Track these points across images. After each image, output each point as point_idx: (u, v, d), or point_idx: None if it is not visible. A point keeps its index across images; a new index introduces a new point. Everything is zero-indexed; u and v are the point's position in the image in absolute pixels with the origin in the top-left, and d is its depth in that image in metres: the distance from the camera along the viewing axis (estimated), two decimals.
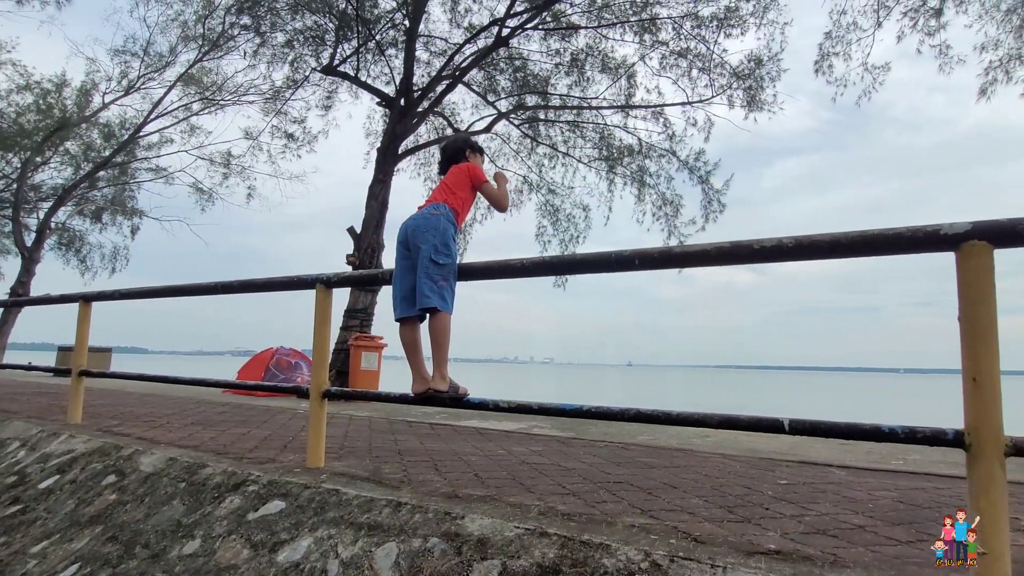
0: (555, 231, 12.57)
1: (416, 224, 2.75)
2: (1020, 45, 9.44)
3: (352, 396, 2.99)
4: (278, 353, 8.95)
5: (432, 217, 2.73)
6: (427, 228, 2.69)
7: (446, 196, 2.84)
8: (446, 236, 2.69)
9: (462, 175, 2.92)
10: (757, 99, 10.40)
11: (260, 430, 4.44)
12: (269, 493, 2.67)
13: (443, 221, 2.71)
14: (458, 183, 2.90)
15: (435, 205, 2.79)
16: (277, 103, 13.57)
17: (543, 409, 2.26)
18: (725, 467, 3.43)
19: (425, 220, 2.73)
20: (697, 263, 1.99)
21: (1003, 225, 1.55)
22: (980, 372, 1.54)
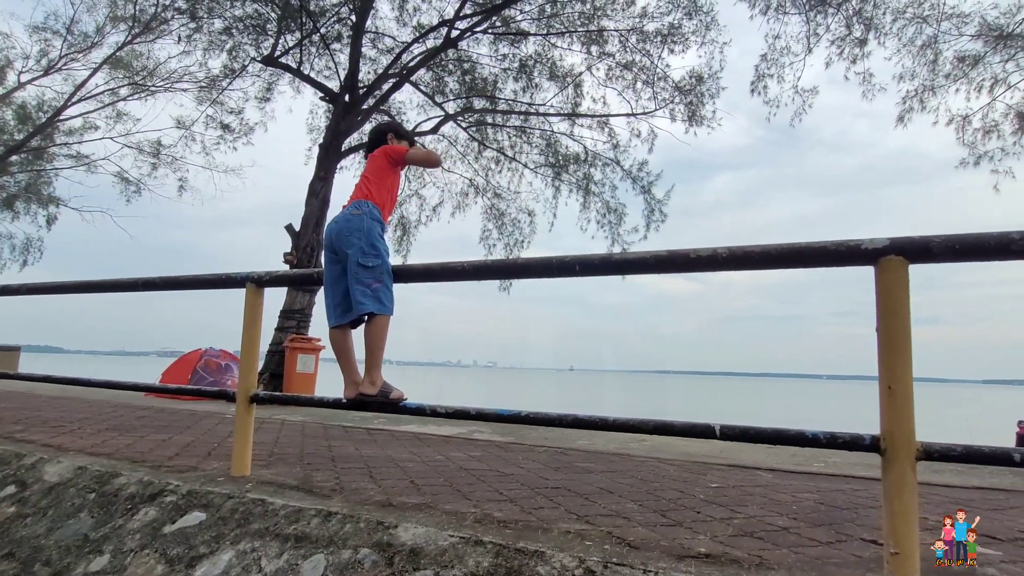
0: (500, 235, 12.59)
1: (339, 228, 2.62)
2: (933, 77, 10.21)
3: (283, 400, 2.86)
4: (207, 354, 8.51)
5: (354, 218, 2.60)
6: (350, 231, 2.57)
7: (367, 190, 2.72)
8: (372, 236, 2.57)
9: (380, 160, 2.79)
10: (697, 114, 10.78)
11: (183, 436, 4.19)
12: (188, 504, 2.51)
13: (366, 220, 2.59)
14: (378, 171, 2.77)
15: (356, 203, 2.67)
16: (213, 92, 12.96)
17: (481, 415, 2.23)
18: (660, 471, 3.49)
19: (347, 222, 2.61)
20: (636, 271, 2.01)
21: (917, 242, 1.64)
22: (895, 380, 1.63)
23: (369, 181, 2.74)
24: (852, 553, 1.93)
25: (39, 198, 16.54)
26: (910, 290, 1.67)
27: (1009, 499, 3.00)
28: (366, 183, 2.75)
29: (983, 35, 9.77)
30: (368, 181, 2.75)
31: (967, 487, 3.30)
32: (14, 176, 16.54)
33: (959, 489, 3.24)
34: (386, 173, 2.77)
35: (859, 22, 9.88)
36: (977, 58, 9.96)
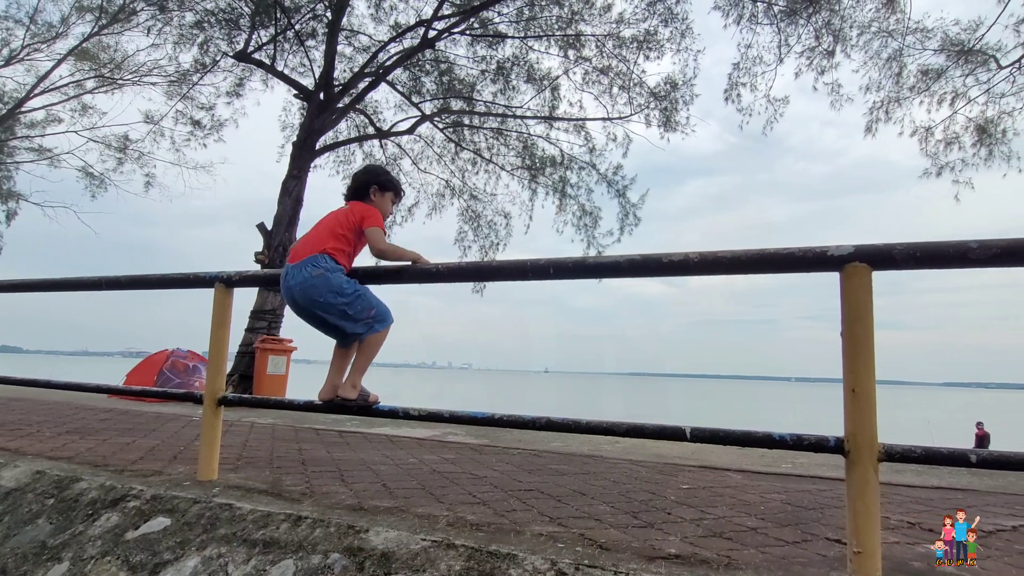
0: (476, 236, 12.58)
1: (303, 293, 2.43)
2: (898, 90, 10.54)
3: (252, 403, 2.80)
4: (174, 355, 8.31)
5: (316, 279, 2.40)
6: (316, 295, 2.40)
7: (325, 242, 2.47)
8: (338, 285, 2.41)
9: (352, 217, 2.54)
10: (672, 120, 10.93)
11: (148, 439, 4.08)
12: (152, 509, 2.44)
13: (329, 277, 2.40)
14: (345, 223, 2.53)
15: (313, 260, 2.43)
16: (183, 87, 12.69)
17: (454, 417, 2.22)
18: (632, 472, 3.53)
19: (310, 287, 2.40)
20: (609, 274, 2.03)
21: (880, 249, 1.69)
22: (858, 384, 1.67)
23: (330, 230, 2.51)
24: (817, 552, 1.97)
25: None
26: (874, 296, 1.72)
27: (966, 498, 3.11)
28: (327, 231, 2.51)
29: (945, 50, 10.13)
30: (330, 230, 2.51)
31: (927, 487, 3.41)
32: None
33: (919, 489, 3.34)
34: (352, 229, 2.53)
35: (828, 34, 10.14)
36: (940, 72, 10.31)
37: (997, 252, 1.59)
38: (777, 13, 10.14)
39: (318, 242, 2.49)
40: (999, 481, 3.63)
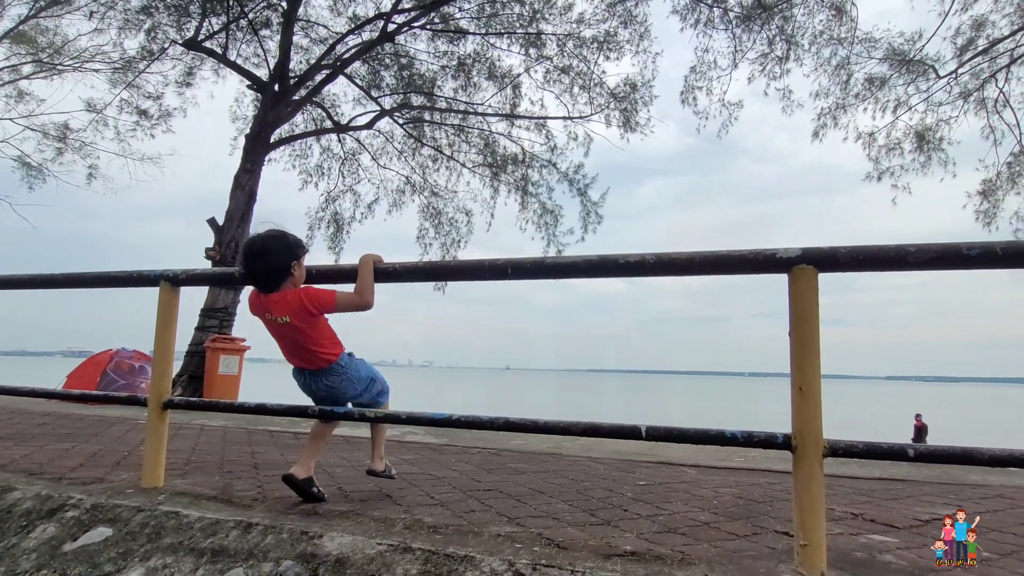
0: (437, 234, 12.48)
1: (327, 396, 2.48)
2: (845, 96, 10.97)
3: (200, 406, 2.70)
4: (119, 355, 7.95)
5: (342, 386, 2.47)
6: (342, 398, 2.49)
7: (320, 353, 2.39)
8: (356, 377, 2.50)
9: (311, 318, 2.33)
10: (632, 120, 11.08)
11: (89, 445, 3.89)
12: (93, 519, 2.33)
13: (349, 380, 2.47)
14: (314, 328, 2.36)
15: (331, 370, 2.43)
16: (128, 75, 12.12)
17: (412, 418, 2.19)
18: (591, 470, 3.56)
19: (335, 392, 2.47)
20: (567, 274, 2.04)
21: (826, 253, 1.75)
22: (805, 382, 1.73)
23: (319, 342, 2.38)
24: (767, 545, 2.03)
25: None
26: (820, 296, 1.78)
27: (906, 488, 3.26)
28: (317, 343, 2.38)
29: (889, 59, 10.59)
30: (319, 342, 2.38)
31: (869, 478, 3.56)
32: None
33: (863, 480, 3.49)
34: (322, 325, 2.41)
35: (780, 41, 10.46)
36: (883, 80, 10.78)
37: (933, 256, 1.66)
38: (733, 19, 10.39)
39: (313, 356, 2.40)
40: (936, 471, 3.82)
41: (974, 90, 10.40)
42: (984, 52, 10.03)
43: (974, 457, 1.61)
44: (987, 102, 10.44)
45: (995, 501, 2.94)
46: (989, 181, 10.73)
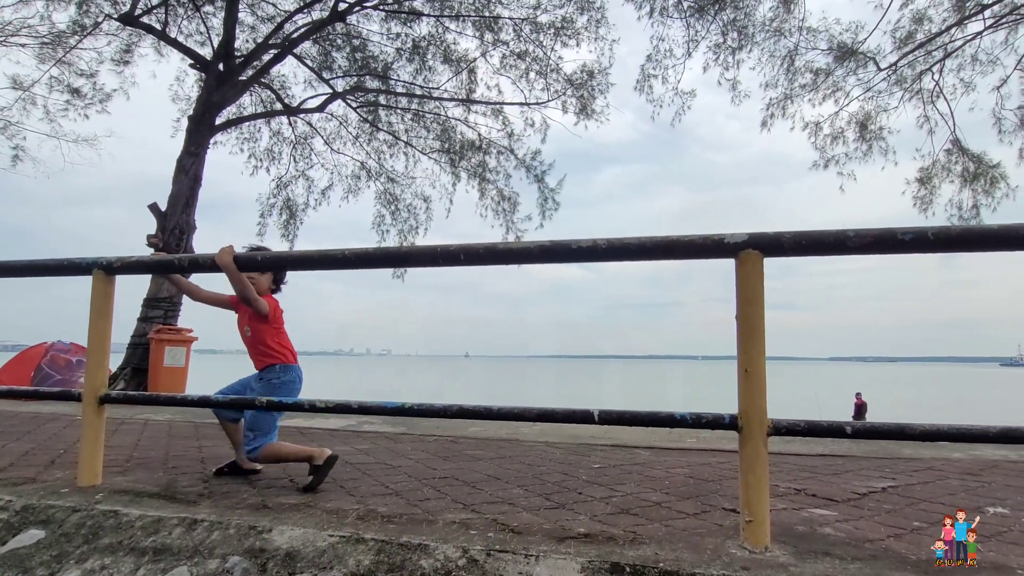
0: (394, 221, 12.29)
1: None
2: (791, 86, 11.29)
3: (138, 400, 2.58)
4: (54, 348, 7.53)
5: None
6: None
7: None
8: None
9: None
10: (588, 107, 11.12)
11: (20, 443, 3.68)
12: (24, 521, 2.20)
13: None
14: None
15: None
16: (58, 50, 11.37)
17: (363, 408, 2.15)
18: (547, 454, 3.59)
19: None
20: (521, 260, 2.03)
21: (771, 238, 1.79)
22: (750, 364, 1.77)
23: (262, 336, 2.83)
24: (715, 523, 2.09)
25: None
26: (768, 280, 1.83)
27: (846, 464, 3.42)
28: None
29: (832, 51, 10.94)
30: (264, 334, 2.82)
31: (812, 455, 3.72)
32: None
33: (806, 457, 3.64)
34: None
35: (732, 31, 10.66)
36: (827, 71, 11.14)
37: (870, 241, 1.73)
38: (687, 8, 10.51)
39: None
40: (873, 447, 4.02)
41: (912, 81, 10.88)
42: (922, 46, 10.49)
43: (907, 433, 1.69)
44: (923, 93, 10.94)
45: (927, 473, 3.11)
46: (925, 169, 11.28)
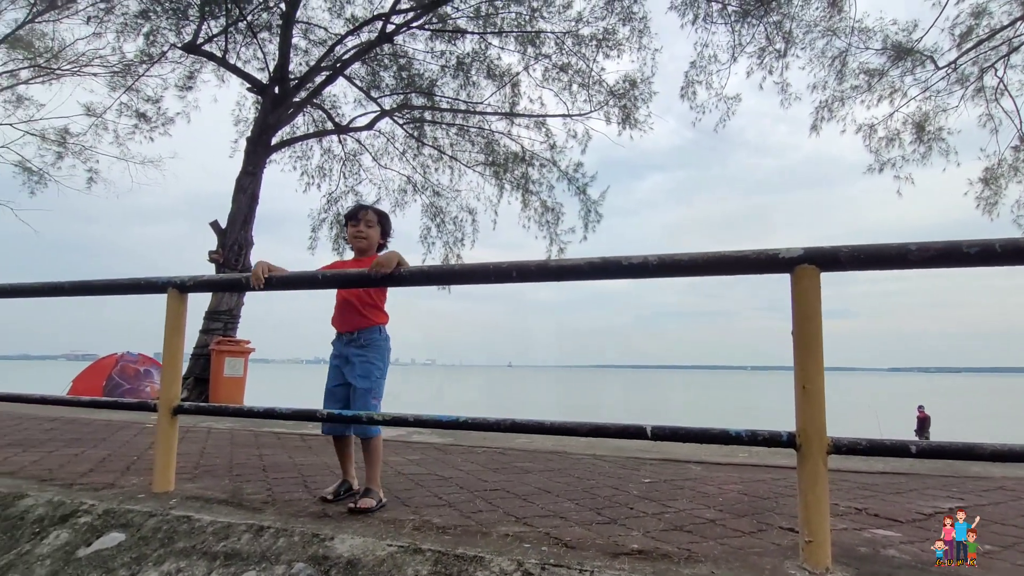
0: (440, 233, 12.51)
1: None
2: (843, 88, 10.97)
3: (209, 411, 2.73)
4: (123, 359, 7.99)
5: None
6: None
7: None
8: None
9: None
10: (631, 117, 11.08)
11: (97, 450, 3.92)
12: (105, 524, 2.36)
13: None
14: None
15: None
16: (127, 79, 12.13)
17: (419, 421, 2.22)
18: (596, 468, 3.59)
19: None
20: (571, 277, 2.06)
21: (828, 252, 1.77)
22: (808, 380, 1.75)
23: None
24: (772, 542, 2.05)
25: None
26: (822, 290, 1.80)
27: (909, 482, 3.28)
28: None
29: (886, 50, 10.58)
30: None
31: (873, 472, 3.58)
32: None
33: (866, 475, 3.51)
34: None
35: (778, 34, 10.45)
36: (882, 72, 10.77)
37: (934, 254, 1.68)
38: (731, 13, 10.38)
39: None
40: (939, 464, 3.84)
41: (973, 79, 10.39)
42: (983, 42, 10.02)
43: (976, 453, 1.63)
44: (986, 91, 10.43)
45: (997, 493, 2.96)
46: (990, 169, 10.73)
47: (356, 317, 2.54)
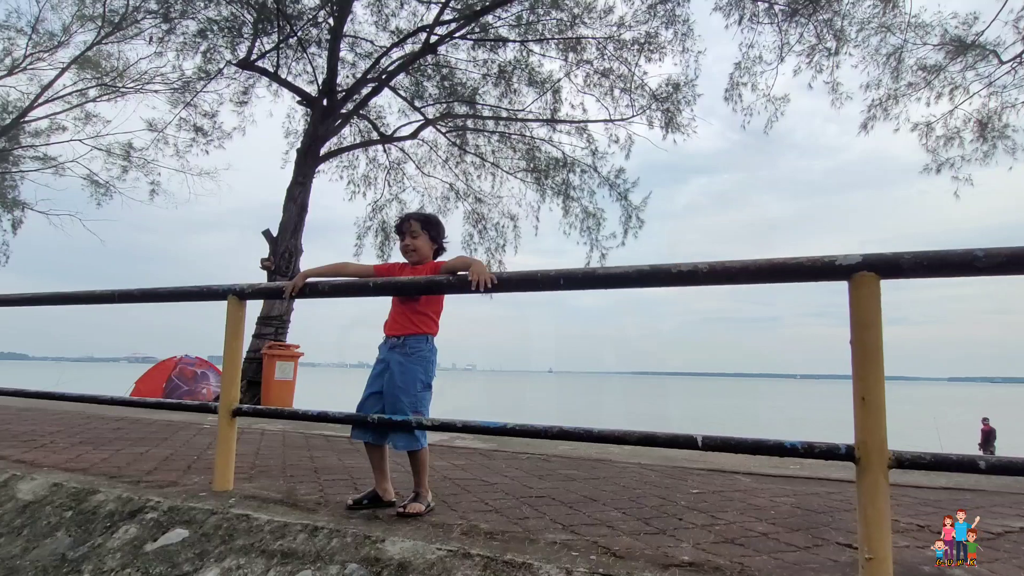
0: (481, 239, 12.62)
1: None
2: (896, 86, 10.54)
3: (265, 414, 2.84)
4: (182, 362, 8.37)
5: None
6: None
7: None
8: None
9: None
10: (674, 121, 10.94)
11: (160, 449, 4.12)
12: (170, 521, 2.48)
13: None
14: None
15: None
16: (187, 95, 12.75)
17: (467, 427, 2.25)
18: (641, 477, 3.55)
19: None
20: (619, 285, 2.05)
21: (888, 259, 1.71)
22: (868, 392, 1.69)
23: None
24: (829, 558, 1.99)
25: (3, 201, 16.06)
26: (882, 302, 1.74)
27: (974, 499, 3.12)
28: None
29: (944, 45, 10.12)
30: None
31: (935, 487, 3.42)
32: None
33: (928, 490, 3.35)
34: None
35: (828, 33, 10.14)
36: (939, 68, 10.31)
37: (1002, 260, 1.61)
38: (778, 12, 10.14)
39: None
40: (1007, 480, 3.64)
41: None
42: None
43: None
44: None
45: None
46: None
47: (406, 323, 2.54)
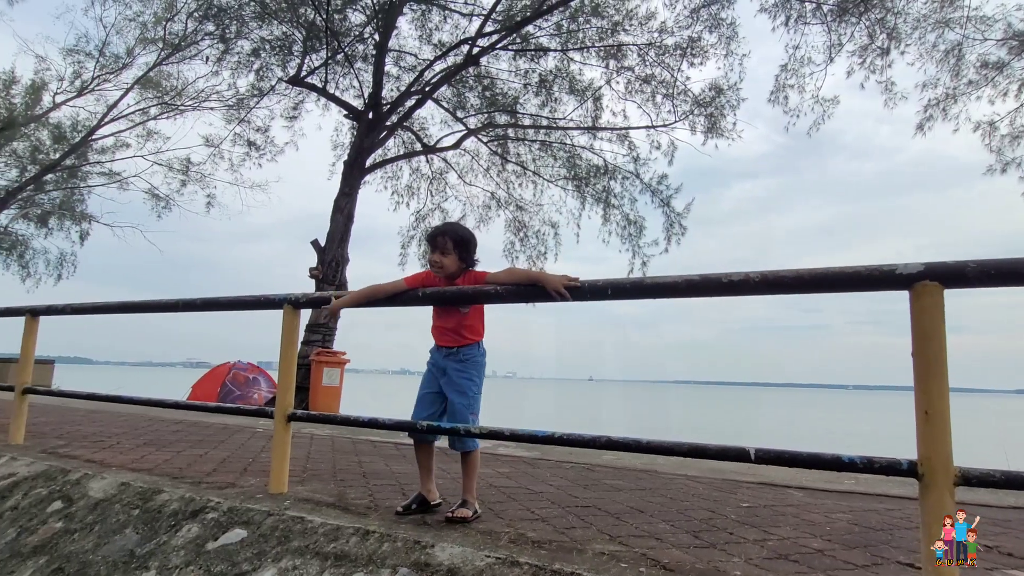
0: (523, 247, 12.68)
1: None
2: (956, 84, 10.07)
3: (318, 419, 2.93)
4: (235, 368, 8.70)
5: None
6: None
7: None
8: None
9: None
10: (717, 126, 10.76)
11: (218, 451, 4.29)
12: (230, 521, 2.58)
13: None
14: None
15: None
16: (241, 111, 13.31)
17: (515, 435, 2.27)
18: (689, 489, 3.49)
19: None
20: (667, 294, 2.04)
21: (952, 267, 1.64)
22: (931, 406, 1.63)
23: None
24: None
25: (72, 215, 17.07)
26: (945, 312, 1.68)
27: None
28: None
29: (1008, 40, 9.63)
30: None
31: (1003, 506, 3.24)
32: (48, 193, 17.12)
33: (995, 508, 3.18)
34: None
35: (881, 31, 9.80)
36: (1002, 64, 9.81)
37: None
38: (827, 12, 9.87)
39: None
40: None
41: None
42: None
43: None
44: None
45: None
46: None
47: (457, 336, 2.59)
